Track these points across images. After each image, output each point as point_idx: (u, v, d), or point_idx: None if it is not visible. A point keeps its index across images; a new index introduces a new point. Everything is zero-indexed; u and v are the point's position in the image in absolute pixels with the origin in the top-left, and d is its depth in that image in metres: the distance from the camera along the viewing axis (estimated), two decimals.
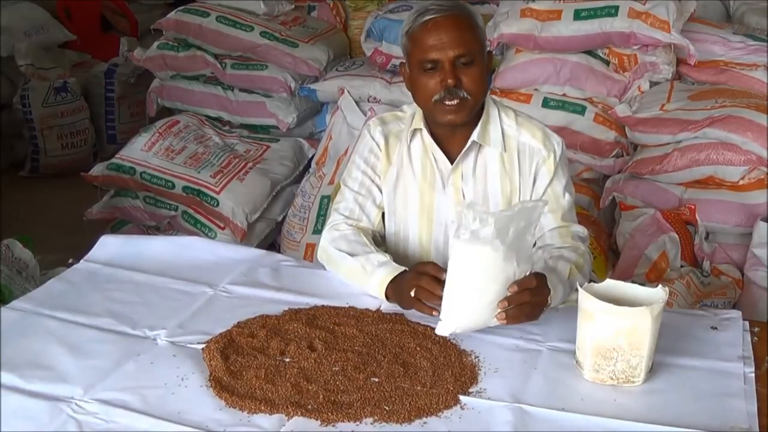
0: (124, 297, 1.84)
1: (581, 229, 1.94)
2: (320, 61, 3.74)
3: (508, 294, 1.59)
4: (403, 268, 1.79)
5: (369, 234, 1.97)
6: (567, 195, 1.95)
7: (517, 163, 1.92)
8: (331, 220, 1.99)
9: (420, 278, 1.68)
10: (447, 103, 1.82)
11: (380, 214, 2.00)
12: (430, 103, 1.85)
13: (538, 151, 1.92)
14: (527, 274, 1.61)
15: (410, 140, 1.95)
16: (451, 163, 1.92)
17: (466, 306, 1.60)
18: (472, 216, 1.52)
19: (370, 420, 1.42)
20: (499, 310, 1.60)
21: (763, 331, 1.72)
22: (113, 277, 1.94)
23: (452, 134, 1.91)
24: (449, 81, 1.80)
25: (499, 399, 1.48)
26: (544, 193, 1.92)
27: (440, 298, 1.60)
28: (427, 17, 1.81)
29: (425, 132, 1.93)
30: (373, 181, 1.98)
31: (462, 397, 1.48)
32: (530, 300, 1.61)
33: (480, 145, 1.91)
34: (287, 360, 1.58)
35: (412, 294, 1.69)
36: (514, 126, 1.94)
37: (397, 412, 1.43)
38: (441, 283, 1.61)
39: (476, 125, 1.90)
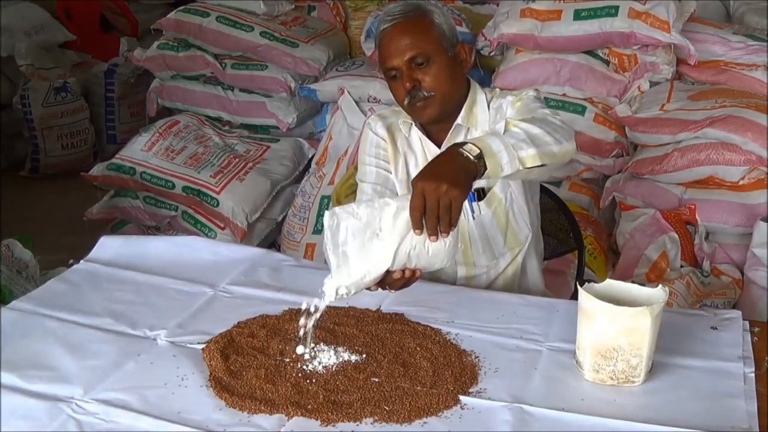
0: (124, 297, 1.84)
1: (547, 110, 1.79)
2: (320, 61, 3.74)
3: (415, 232, 1.50)
4: None
5: None
6: (530, 106, 1.83)
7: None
8: None
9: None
10: (416, 103, 1.88)
11: None
12: (405, 107, 1.91)
13: (506, 102, 1.91)
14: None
15: (409, 132, 2.00)
16: None
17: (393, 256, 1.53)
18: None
19: (370, 420, 1.41)
20: (426, 238, 1.51)
21: (763, 331, 1.72)
22: (113, 277, 1.94)
23: (439, 124, 1.95)
24: (407, 85, 1.85)
25: (499, 399, 1.47)
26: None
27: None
28: (381, 28, 1.88)
29: (414, 126, 1.99)
30: (387, 171, 2.02)
31: (462, 397, 1.48)
32: (430, 196, 1.46)
33: (468, 128, 1.94)
34: (287, 360, 1.58)
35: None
36: (493, 99, 1.96)
37: (397, 412, 1.43)
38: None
39: (461, 110, 1.94)
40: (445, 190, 1.46)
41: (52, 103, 4.78)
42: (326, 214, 1.53)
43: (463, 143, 1.54)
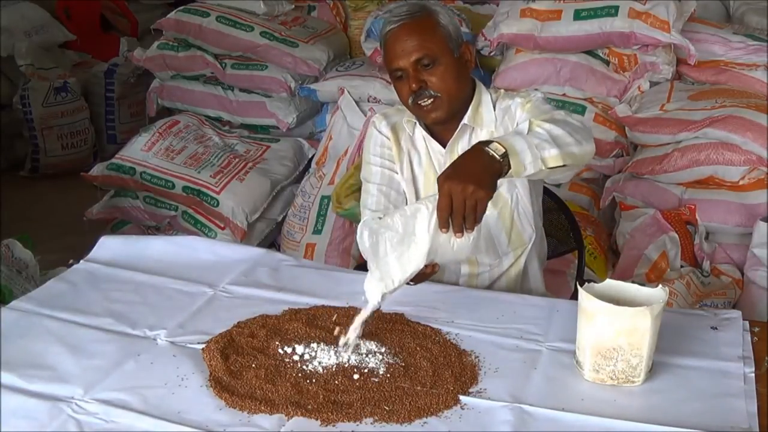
0: (124, 297, 1.84)
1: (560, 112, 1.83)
2: (320, 61, 3.74)
3: (442, 231, 1.53)
4: None
5: None
6: (542, 108, 1.87)
7: (503, 129, 1.94)
8: (363, 217, 2.01)
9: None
10: (421, 104, 1.87)
11: (405, 200, 2.03)
12: (410, 106, 1.91)
13: (514, 103, 1.93)
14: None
15: (413, 131, 2.00)
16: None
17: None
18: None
19: (370, 420, 1.42)
20: (453, 235, 1.54)
21: (763, 331, 1.72)
22: (113, 277, 1.94)
23: (444, 124, 1.95)
24: (413, 86, 1.85)
25: (499, 399, 1.48)
26: (519, 119, 1.90)
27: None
28: (387, 29, 1.88)
29: (418, 125, 1.99)
30: (392, 170, 2.02)
31: (462, 397, 1.48)
32: (457, 197, 1.50)
33: (473, 128, 1.95)
34: (287, 360, 1.58)
35: None
36: (498, 100, 1.97)
37: (397, 412, 1.43)
38: None
39: (468, 110, 1.94)
40: (471, 192, 1.49)
41: (52, 103, 4.78)
42: (365, 233, 1.57)
43: (488, 142, 1.56)
